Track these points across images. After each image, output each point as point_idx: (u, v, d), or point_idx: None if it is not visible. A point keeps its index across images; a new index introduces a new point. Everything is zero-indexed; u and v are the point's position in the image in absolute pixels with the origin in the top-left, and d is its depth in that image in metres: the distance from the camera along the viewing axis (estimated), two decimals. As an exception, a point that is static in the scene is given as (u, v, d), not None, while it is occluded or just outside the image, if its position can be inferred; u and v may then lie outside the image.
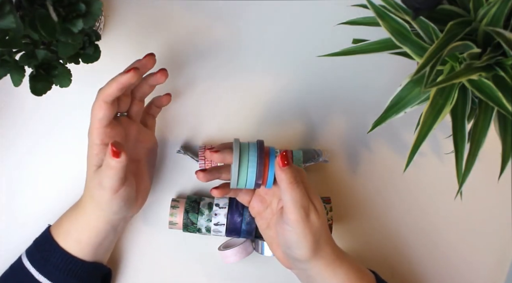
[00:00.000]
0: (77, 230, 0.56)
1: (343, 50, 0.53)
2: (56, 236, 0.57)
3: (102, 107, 0.52)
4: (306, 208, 0.52)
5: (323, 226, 0.54)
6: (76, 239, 0.56)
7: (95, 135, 0.53)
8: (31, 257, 0.57)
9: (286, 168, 0.51)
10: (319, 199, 0.54)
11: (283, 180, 0.51)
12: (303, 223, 0.51)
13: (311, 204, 0.53)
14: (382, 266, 0.66)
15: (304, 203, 0.52)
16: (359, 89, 0.67)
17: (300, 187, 0.52)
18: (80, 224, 0.56)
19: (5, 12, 0.43)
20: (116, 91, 0.52)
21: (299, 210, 0.51)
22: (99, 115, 0.53)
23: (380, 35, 0.51)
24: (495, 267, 0.67)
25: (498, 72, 0.45)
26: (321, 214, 0.53)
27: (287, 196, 0.51)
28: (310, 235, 0.52)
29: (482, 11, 0.46)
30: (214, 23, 0.66)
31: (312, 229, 0.52)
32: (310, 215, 0.52)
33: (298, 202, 0.51)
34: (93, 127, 0.53)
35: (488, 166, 0.55)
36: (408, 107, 0.50)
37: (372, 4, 0.49)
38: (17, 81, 0.49)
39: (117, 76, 0.53)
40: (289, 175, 0.51)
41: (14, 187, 0.65)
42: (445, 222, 0.67)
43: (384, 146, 0.67)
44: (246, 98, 0.67)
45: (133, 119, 0.59)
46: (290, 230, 0.52)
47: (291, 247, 0.53)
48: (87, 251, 0.56)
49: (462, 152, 0.47)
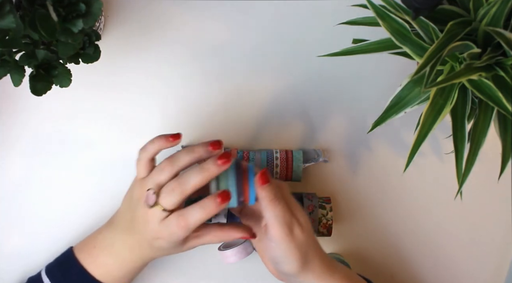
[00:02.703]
0: (110, 262, 0.55)
1: (343, 50, 0.53)
2: (83, 260, 0.56)
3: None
4: (289, 223, 0.51)
5: (309, 239, 0.53)
6: (107, 270, 0.55)
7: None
8: (51, 275, 0.57)
9: (265, 186, 0.51)
10: (303, 212, 0.54)
11: (263, 198, 0.51)
12: (287, 239, 0.51)
13: (293, 219, 0.52)
14: (382, 266, 0.66)
15: (287, 218, 0.51)
16: (359, 89, 0.67)
17: (282, 203, 0.51)
18: (116, 258, 0.55)
19: (5, 12, 0.43)
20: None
21: (282, 227, 0.51)
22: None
23: (380, 35, 0.51)
24: (495, 267, 0.67)
25: (498, 72, 0.45)
26: (305, 227, 0.53)
27: (268, 213, 0.51)
28: (296, 250, 0.51)
29: (482, 11, 0.46)
30: (214, 23, 0.66)
31: (297, 244, 0.51)
32: (294, 230, 0.51)
33: (280, 219, 0.51)
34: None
35: (488, 166, 0.55)
36: (408, 107, 0.50)
37: (372, 4, 0.49)
38: (17, 81, 0.49)
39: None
40: (269, 193, 0.51)
41: (14, 187, 0.65)
42: (445, 222, 0.67)
43: (384, 146, 0.67)
44: (246, 98, 0.67)
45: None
46: (275, 246, 0.52)
47: (279, 263, 0.53)
48: (113, 280, 0.56)
49: (462, 152, 0.47)
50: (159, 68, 0.66)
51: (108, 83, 0.65)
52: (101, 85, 0.65)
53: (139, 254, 0.55)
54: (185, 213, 0.50)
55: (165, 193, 0.51)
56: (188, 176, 0.50)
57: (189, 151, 0.52)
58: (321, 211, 0.63)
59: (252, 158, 0.63)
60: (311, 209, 0.63)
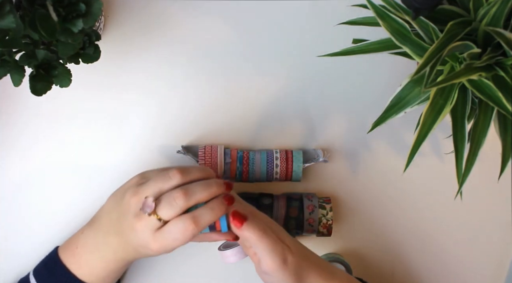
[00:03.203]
0: (93, 263, 0.54)
1: (343, 50, 0.53)
2: (66, 260, 0.55)
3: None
4: (281, 253, 0.51)
5: (301, 258, 0.52)
6: (90, 270, 0.54)
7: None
8: (38, 275, 0.56)
9: (244, 227, 0.50)
10: (286, 233, 0.53)
11: (248, 238, 0.51)
12: (282, 269, 0.51)
13: (283, 246, 0.51)
14: (382, 266, 0.66)
15: (278, 249, 0.51)
16: (359, 89, 0.67)
17: (267, 235, 0.51)
18: (99, 259, 0.54)
19: (5, 12, 0.43)
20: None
21: (274, 259, 0.50)
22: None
23: (380, 35, 0.51)
24: (495, 267, 0.67)
25: (498, 72, 0.45)
26: (294, 249, 0.52)
27: (258, 249, 0.51)
28: (291, 276, 0.51)
29: (482, 11, 0.46)
30: (214, 23, 0.66)
31: (291, 270, 0.51)
32: (287, 258, 0.51)
33: (271, 252, 0.50)
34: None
35: (488, 166, 0.55)
36: (408, 107, 0.50)
37: (372, 4, 0.49)
38: (17, 81, 0.49)
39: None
40: (251, 232, 0.50)
41: (14, 187, 0.65)
42: (445, 221, 0.67)
43: (384, 146, 0.67)
44: (246, 98, 0.67)
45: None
46: (270, 277, 0.52)
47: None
48: (96, 280, 0.55)
49: (462, 152, 0.47)
50: (159, 68, 0.66)
51: (108, 83, 0.65)
52: (101, 85, 0.65)
53: (123, 255, 0.54)
54: (196, 215, 0.49)
55: (166, 203, 0.50)
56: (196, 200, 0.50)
57: (206, 186, 0.51)
58: (321, 211, 0.63)
59: (252, 158, 0.63)
60: (311, 209, 0.63)
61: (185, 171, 0.52)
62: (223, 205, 0.51)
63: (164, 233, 0.50)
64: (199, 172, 0.52)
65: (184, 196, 0.49)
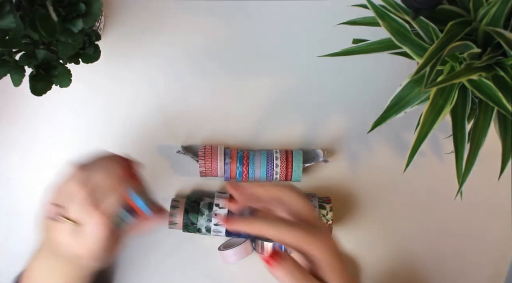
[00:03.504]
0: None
1: (343, 50, 0.53)
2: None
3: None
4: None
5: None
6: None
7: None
8: None
9: (277, 265, 0.40)
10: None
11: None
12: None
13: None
14: (382, 266, 0.66)
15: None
16: (359, 89, 0.67)
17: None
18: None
19: (5, 12, 0.43)
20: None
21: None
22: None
23: (380, 35, 0.51)
24: (495, 267, 0.67)
25: (498, 72, 0.45)
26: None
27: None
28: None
29: (482, 11, 0.46)
30: (214, 23, 0.66)
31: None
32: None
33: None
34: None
35: (488, 166, 0.55)
36: (408, 107, 0.50)
37: (372, 4, 0.49)
38: (17, 81, 0.49)
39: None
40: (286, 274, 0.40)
41: (14, 187, 0.65)
42: (445, 221, 0.67)
43: (384, 146, 0.67)
44: (246, 98, 0.67)
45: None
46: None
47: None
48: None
49: (462, 152, 0.47)
50: (159, 68, 0.66)
51: (108, 83, 0.65)
52: (101, 85, 0.65)
53: (71, 273, 0.52)
54: (103, 207, 0.48)
55: (68, 201, 0.49)
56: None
57: (105, 171, 0.50)
58: (321, 211, 0.63)
59: (252, 158, 0.63)
60: (311, 209, 0.63)
61: (82, 165, 0.51)
62: (122, 187, 0.49)
63: (82, 234, 0.48)
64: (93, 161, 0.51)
65: (83, 187, 0.48)
